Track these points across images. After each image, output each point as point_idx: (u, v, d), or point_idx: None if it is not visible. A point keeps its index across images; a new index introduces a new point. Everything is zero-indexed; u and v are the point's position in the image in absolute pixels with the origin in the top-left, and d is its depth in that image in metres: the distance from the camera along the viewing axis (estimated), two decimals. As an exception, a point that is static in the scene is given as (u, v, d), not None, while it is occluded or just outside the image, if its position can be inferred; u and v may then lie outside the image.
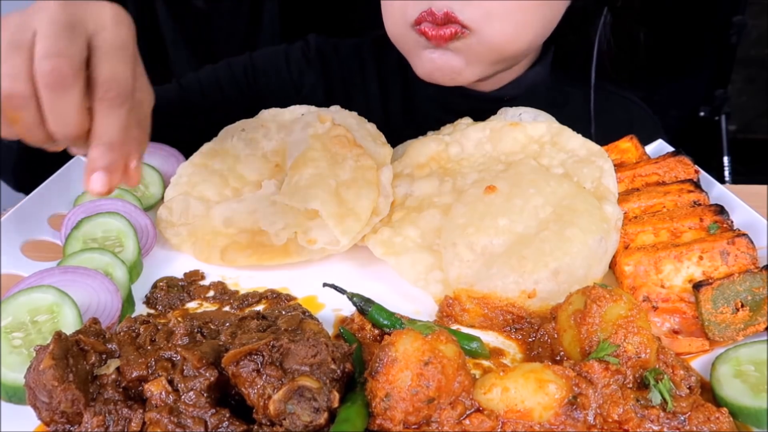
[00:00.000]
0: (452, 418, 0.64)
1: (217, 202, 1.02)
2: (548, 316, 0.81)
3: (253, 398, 0.64)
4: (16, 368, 0.71)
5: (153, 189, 1.08)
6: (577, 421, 0.64)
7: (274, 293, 0.90)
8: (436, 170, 1.03)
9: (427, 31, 1.09)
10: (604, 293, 0.73)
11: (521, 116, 1.10)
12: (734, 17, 2.29)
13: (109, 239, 0.93)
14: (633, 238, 0.90)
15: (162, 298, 0.89)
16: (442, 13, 1.08)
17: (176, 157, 1.14)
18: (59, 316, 0.77)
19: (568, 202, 0.91)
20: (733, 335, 0.78)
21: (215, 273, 0.95)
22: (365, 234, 0.96)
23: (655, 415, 0.65)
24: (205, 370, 0.66)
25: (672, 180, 0.98)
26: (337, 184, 0.98)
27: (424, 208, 0.97)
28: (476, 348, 0.79)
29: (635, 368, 0.69)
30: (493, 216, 0.90)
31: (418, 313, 0.87)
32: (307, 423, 0.62)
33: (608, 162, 0.99)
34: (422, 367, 0.63)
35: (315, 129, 1.06)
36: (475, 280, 0.86)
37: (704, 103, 2.46)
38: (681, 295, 0.83)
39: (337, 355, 0.67)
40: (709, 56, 2.40)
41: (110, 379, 0.66)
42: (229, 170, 1.07)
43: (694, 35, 2.27)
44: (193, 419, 0.63)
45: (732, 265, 0.83)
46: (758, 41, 3.08)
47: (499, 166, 1.00)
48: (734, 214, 0.93)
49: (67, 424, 0.65)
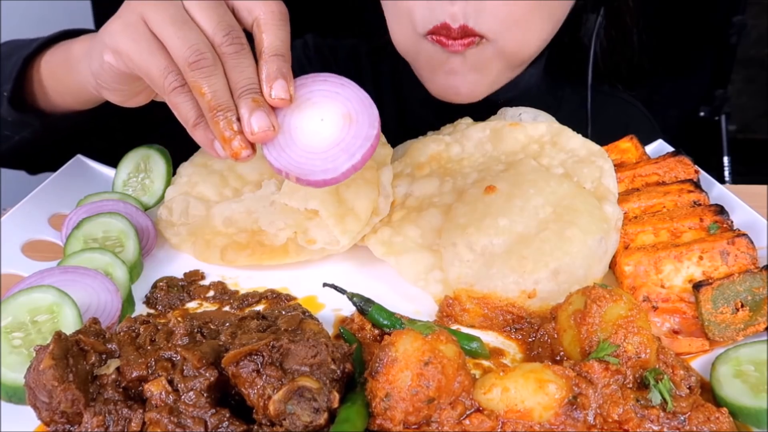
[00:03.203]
0: (452, 418, 0.64)
1: (217, 202, 1.02)
2: (548, 316, 0.81)
3: (253, 398, 0.64)
4: (16, 368, 0.71)
5: (158, 184, 1.08)
6: (577, 421, 0.65)
7: (274, 293, 0.90)
8: (437, 170, 1.03)
9: (443, 41, 1.07)
10: (604, 293, 0.73)
11: (521, 116, 1.10)
12: (734, 17, 2.29)
13: (109, 239, 0.93)
14: (633, 238, 0.90)
15: (162, 298, 0.89)
16: (458, 26, 1.04)
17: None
18: (59, 316, 0.77)
19: (568, 202, 0.91)
20: (733, 335, 0.78)
21: (215, 273, 0.95)
22: (365, 234, 0.96)
23: (655, 415, 0.65)
24: (205, 370, 0.66)
25: (672, 180, 0.98)
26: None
27: (424, 208, 0.97)
28: (476, 348, 0.79)
29: (635, 368, 0.69)
30: (493, 216, 0.90)
31: (418, 313, 0.87)
32: (307, 423, 0.62)
33: (608, 162, 0.99)
34: (422, 367, 0.63)
35: (315, 129, 1.06)
36: (475, 280, 0.86)
37: (704, 103, 2.45)
38: (681, 295, 0.83)
39: (337, 356, 0.67)
40: (709, 56, 2.39)
41: (110, 379, 0.66)
42: (228, 170, 1.07)
43: (693, 35, 2.27)
44: (193, 419, 0.63)
45: (732, 265, 0.83)
46: (758, 41, 3.08)
47: (499, 166, 1.00)
48: (734, 214, 0.93)
49: (67, 424, 0.65)
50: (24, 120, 1.02)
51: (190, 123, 0.75)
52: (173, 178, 1.09)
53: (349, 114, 0.76)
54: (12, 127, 1.04)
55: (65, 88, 0.99)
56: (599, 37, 1.30)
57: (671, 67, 2.21)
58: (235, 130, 0.72)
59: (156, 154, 1.10)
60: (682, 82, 2.35)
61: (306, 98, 0.77)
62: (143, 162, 1.10)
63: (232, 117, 0.72)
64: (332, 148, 0.75)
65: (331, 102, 0.77)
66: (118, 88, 0.85)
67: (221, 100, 0.72)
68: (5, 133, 1.06)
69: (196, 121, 0.74)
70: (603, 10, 1.28)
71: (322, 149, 0.75)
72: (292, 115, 0.76)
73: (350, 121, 0.76)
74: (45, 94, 1.02)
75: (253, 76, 0.74)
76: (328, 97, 0.77)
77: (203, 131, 0.74)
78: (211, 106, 0.72)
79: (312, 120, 0.76)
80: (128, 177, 1.09)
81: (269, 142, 0.74)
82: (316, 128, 0.75)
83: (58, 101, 1.02)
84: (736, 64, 2.47)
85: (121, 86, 0.84)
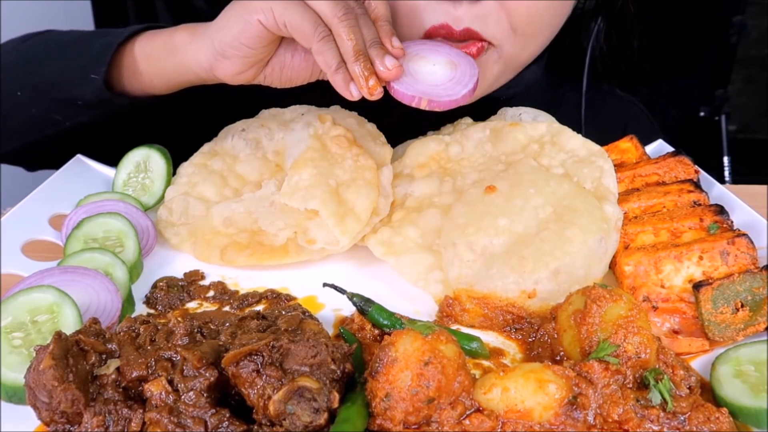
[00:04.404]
0: (452, 418, 0.64)
1: (217, 202, 1.02)
2: (548, 316, 0.81)
3: (253, 398, 0.64)
4: (16, 368, 0.71)
5: (158, 184, 1.08)
6: (577, 421, 0.65)
7: (274, 293, 0.90)
8: (436, 170, 1.03)
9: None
10: (604, 293, 0.73)
11: (521, 116, 1.10)
12: (734, 17, 2.29)
13: (109, 239, 0.93)
14: (633, 238, 0.90)
15: (162, 298, 0.89)
16: (461, 29, 1.02)
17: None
18: (59, 316, 0.77)
19: (568, 202, 0.91)
20: (733, 335, 0.78)
21: (215, 273, 0.95)
22: (365, 234, 0.96)
23: (655, 415, 0.65)
24: (205, 370, 0.66)
25: (672, 180, 0.98)
26: (336, 184, 0.98)
27: (424, 208, 0.97)
28: (476, 348, 0.79)
29: (635, 368, 0.69)
30: (493, 216, 0.90)
31: (418, 313, 0.87)
32: (307, 423, 0.62)
33: (608, 162, 0.99)
34: (422, 367, 0.63)
35: (315, 129, 1.06)
36: (475, 280, 0.86)
37: (704, 103, 2.45)
38: (681, 295, 0.83)
39: (337, 356, 0.67)
40: (709, 56, 2.40)
41: (110, 379, 0.66)
42: (228, 170, 1.07)
43: (694, 35, 2.27)
44: (193, 419, 0.63)
45: (732, 265, 0.83)
46: (758, 41, 3.08)
47: (499, 166, 1.00)
48: (734, 214, 0.93)
49: (67, 424, 0.65)
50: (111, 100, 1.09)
51: (333, 67, 0.90)
52: (173, 178, 1.09)
53: (452, 61, 0.97)
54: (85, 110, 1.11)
55: (160, 70, 1.09)
56: (599, 41, 1.30)
57: (671, 67, 2.21)
58: (371, 70, 0.89)
59: (156, 154, 1.10)
60: (682, 82, 2.35)
61: (414, 53, 0.97)
62: (143, 162, 1.10)
63: (368, 60, 0.90)
64: (448, 81, 0.95)
65: (436, 54, 0.98)
66: (247, 54, 0.96)
67: (361, 46, 0.90)
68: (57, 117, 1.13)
69: (339, 65, 0.90)
70: (602, 15, 1.28)
71: (441, 83, 0.95)
72: (408, 63, 0.95)
73: (454, 66, 0.97)
74: (136, 77, 1.11)
75: (377, 32, 0.93)
76: (432, 51, 0.98)
77: (343, 74, 0.90)
78: (356, 50, 0.89)
79: (426, 65, 0.96)
80: (128, 177, 1.09)
81: (397, 81, 0.92)
82: (431, 70, 0.96)
83: (146, 84, 1.11)
84: (736, 64, 2.48)
85: (255, 48, 0.95)
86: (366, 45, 0.91)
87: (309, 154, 1.01)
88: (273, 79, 1.03)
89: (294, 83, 1.04)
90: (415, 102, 0.92)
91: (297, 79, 1.03)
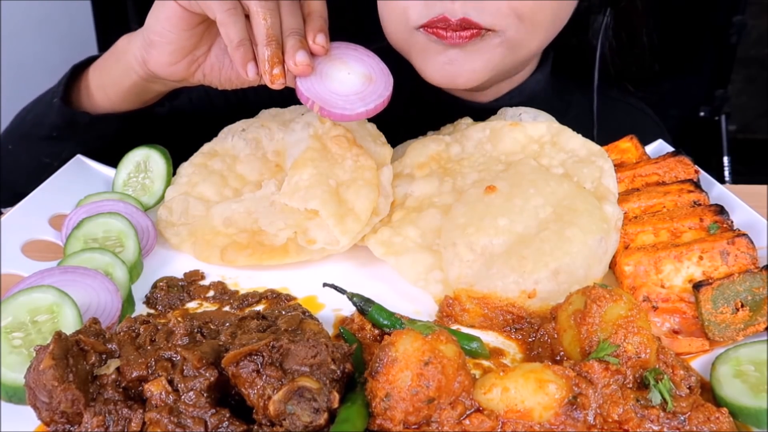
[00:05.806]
0: (452, 418, 0.64)
1: (217, 202, 1.02)
2: (548, 316, 0.81)
3: (253, 399, 0.64)
4: (16, 368, 0.71)
5: (158, 184, 1.08)
6: (577, 421, 0.65)
7: (274, 293, 0.90)
8: (436, 170, 1.03)
9: (440, 33, 1.06)
10: (604, 293, 0.73)
11: (521, 116, 1.10)
12: (734, 17, 2.29)
13: (109, 239, 0.93)
14: (633, 238, 0.90)
15: (162, 298, 0.89)
16: (457, 19, 1.04)
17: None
18: (59, 316, 0.77)
19: (568, 202, 0.91)
20: (733, 335, 0.78)
21: (215, 273, 0.95)
22: (365, 234, 0.96)
23: (655, 415, 0.65)
24: (205, 370, 0.66)
25: (672, 180, 0.98)
26: (336, 184, 0.98)
27: (424, 208, 0.97)
28: (476, 348, 0.79)
29: (635, 368, 0.69)
30: (493, 216, 0.90)
31: (418, 313, 0.87)
32: (307, 423, 0.62)
33: (608, 162, 0.99)
34: (422, 367, 0.63)
35: (315, 129, 1.06)
36: (475, 280, 0.86)
37: (704, 103, 2.45)
38: (681, 295, 0.83)
39: (337, 356, 0.67)
40: (709, 56, 2.39)
41: (110, 379, 0.66)
42: (228, 170, 1.07)
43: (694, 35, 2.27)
44: (193, 419, 0.63)
45: (732, 265, 0.83)
46: (758, 41, 3.08)
47: (499, 166, 1.00)
48: (734, 214, 0.93)
49: (67, 424, 0.65)
50: (73, 120, 1.13)
51: (235, 42, 0.89)
52: (173, 178, 1.09)
53: (370, 75, 0.96)
54: (53, 141, 1.15)
55: (111, 79, 1.12)
56: (608, 38, 1.30)
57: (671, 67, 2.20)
58: (280, 59, 0.88)
59: (156, 154, 1.10)
60: (682, 82, 2.35)
61: (338, 56, 0.96)
62: (143, 162, 1.10)
63: (279, 48, 0.88)
64: (352, 95, 0.94)
65: (358, 63, 0.97)
66: (171, 39, 0.96)
67: (276, 32, 0.89)
68: (45, 160, 1.16)
69: (240, 41, 0.89)
70: (609, 11, 1.28)
71: (344, 94, 0.94)
72: (324, 63, 0.94)
73: (370, 81, 0.96)
74: (96, 92, 1.15)
75: (302, 24, 0.92)
76: (356, 59, 0.97)
77: (244, 52, 0.89)
78: (268, 33, 0.88)
79: (340, 72, 0.95)
80: (128, 177, 1.09)
81: (304, 77, 0.91)
82: (342, 78, 0.95)
83: (103, 98, 1.14)
84: (736, 64, 2.47)
85: (176, 32, 0.96)
86: (284, 33, 0.90)
87: (309, 154, 1.01)
88: (213, 78, 1.04)
89: (234, 85, 1.06)
90: (309, 104, 0.92)
91: (236, 80, 1.04)
